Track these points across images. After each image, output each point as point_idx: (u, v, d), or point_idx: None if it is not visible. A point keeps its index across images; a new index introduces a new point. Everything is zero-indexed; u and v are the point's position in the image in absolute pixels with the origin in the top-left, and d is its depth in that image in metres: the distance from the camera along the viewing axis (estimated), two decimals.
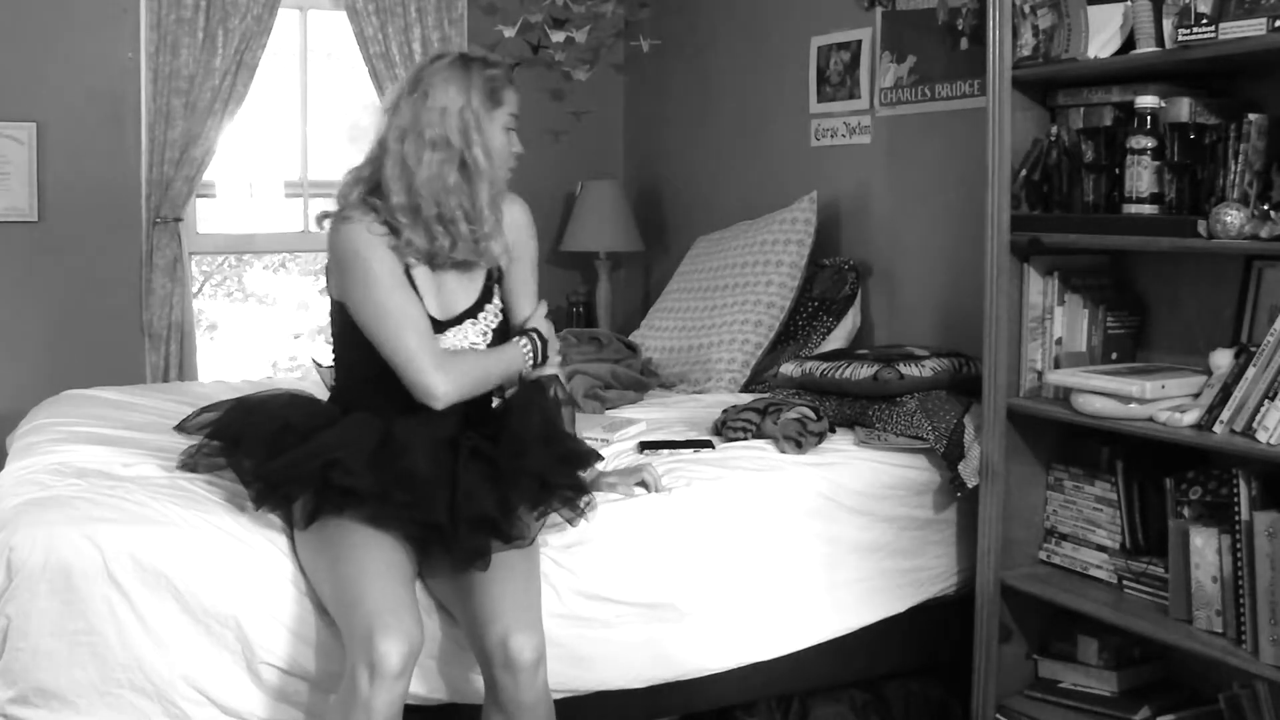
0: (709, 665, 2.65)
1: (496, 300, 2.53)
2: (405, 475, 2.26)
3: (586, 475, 2.49)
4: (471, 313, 2.48)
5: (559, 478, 2.40)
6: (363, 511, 2.23)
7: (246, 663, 2.24)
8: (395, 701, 2.07)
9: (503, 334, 2.53)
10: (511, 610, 2.20)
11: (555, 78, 4.81)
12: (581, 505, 2.42)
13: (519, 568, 2.30)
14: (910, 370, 3.04)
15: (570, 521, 2.44)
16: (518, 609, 2.21)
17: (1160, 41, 2.50)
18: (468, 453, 2.33)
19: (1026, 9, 2.70)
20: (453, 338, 2.45)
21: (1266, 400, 2.29)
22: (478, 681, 2.31)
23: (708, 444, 2.92)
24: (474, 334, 2.48)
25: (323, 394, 2.66)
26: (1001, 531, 2.81)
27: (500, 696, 2.18)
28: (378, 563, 2.19)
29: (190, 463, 2.51)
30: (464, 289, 2.49)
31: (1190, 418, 2.42)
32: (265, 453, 2.34)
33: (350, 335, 2.44)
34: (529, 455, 2.37)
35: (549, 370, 2.54)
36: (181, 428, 2.56)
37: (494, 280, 2.53)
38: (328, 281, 2.48)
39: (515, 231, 2.53)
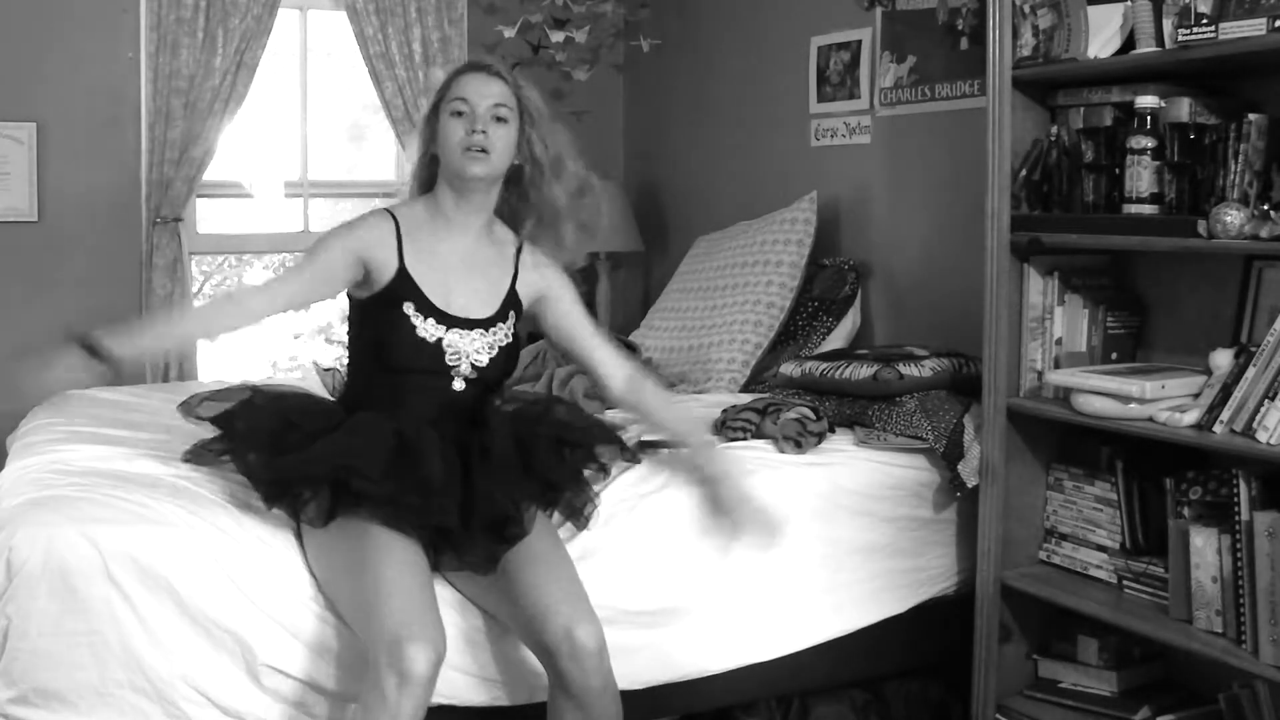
0: (709, 666, 2.65)
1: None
2: (423, 483, 2.26)
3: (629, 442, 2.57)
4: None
5: (566, 483, 2.43)
6: (378, 514, 2.23)
7: (246, 664, 2.24)
8: (422, 707, 2.07)
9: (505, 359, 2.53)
10: (568, 601, 2.24)
11: (555, 78, 4.80)
12: (585, 514, 2.45)
13: (564, 560, 2.34)
14: (910, 370, 3.03)
15: (576, 527, 2.46)
16: (573, 599, 2.25)
17: (1160, 41, 2.50)
18: (479, 453, 2.34)
19: (1026, 9, 2.70)
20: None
21: (1266, 400, 2.29)
22: (473, 685, 2.33)
23: None
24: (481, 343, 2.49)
25: (323, 395, 2.66)
26: (1001, 531, 2.81)
27: (571, 687, 2.20)
28: (399, 566, 2.18)
29: (195, 457, 2.47)
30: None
31: (1190, 418, 2.42)
32: (271, 451, 2.33)
33: (364, 335, 2.47)
34: (537, 457, 2.39)
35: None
36: (186, 407, 2.50)
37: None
38: None
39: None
